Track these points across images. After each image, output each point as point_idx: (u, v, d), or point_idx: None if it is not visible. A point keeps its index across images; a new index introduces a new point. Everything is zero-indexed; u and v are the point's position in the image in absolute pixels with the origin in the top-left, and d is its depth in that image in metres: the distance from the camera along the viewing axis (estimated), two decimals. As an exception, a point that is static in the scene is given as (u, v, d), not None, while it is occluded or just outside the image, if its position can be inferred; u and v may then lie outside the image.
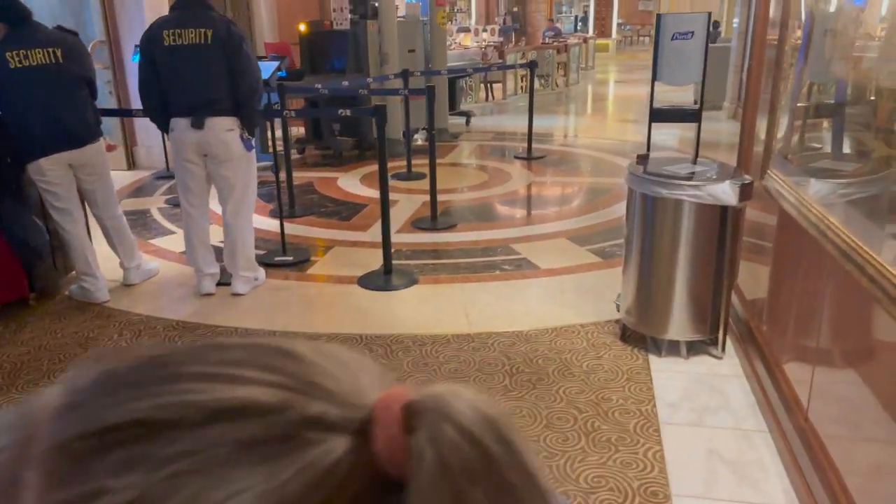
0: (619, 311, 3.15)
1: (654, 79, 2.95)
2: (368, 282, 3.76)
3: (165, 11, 3.76)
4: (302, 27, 7.31)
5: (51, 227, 3.43)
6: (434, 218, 4.84)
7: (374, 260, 4.07)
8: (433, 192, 4.80)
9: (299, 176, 6.38)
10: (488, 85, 11.38)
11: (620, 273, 3.79)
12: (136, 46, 4.80)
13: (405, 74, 6.18)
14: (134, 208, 5.35)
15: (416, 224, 4.83)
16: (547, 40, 18.46)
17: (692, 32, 2.87)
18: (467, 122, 9.27)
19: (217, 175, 3.41)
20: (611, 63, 20.68)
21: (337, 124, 7.61)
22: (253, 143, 3.39)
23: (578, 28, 25.61)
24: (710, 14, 2.87)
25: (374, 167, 6.94)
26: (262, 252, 4.22)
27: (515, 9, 21.98)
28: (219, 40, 3.16)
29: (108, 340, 3.13)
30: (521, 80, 11.34)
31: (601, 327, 3.15)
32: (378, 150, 3.62)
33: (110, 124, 6.61)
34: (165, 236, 4.62)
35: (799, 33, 2.38)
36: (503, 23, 20.68)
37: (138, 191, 5.93)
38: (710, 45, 10.57)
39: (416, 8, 8.25)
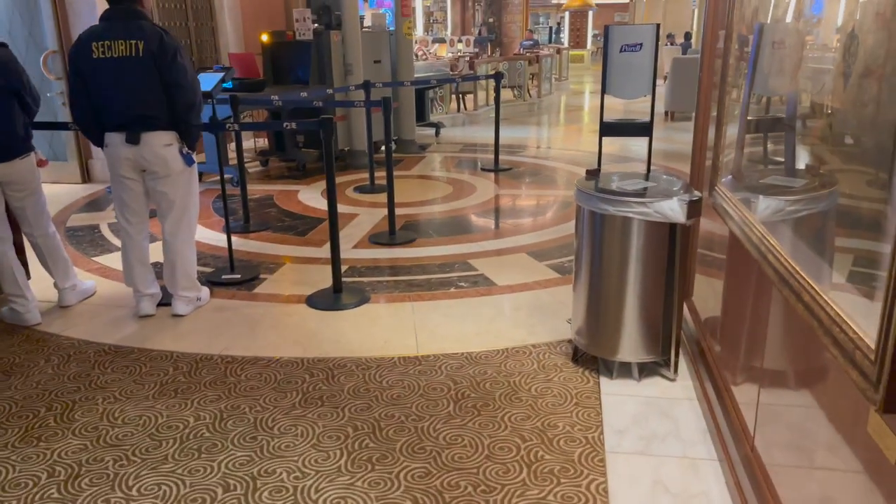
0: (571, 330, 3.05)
1: (603, 92, 2.86)
2: (317, 301, 3.62)
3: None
4: (264, 37, 7.18)
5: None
6: (392, 233, 4.72)
7: (327, 277, 3.93)
8: (391, 205, 4.68)
9: (260, 189, 6.24)
10: (460, 96, 11.31)
11: (577, 290, 3.71)
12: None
13: (367, 86, 6.07)
14: (82, 223, 5.17)
15: (373, 239, 4.70)
16: (523, 51, 18.53)
17: (640, 44, 2.78)
18: (437, 134, 9.19)
19: (155, 191, 3.26)
20: (586, 74, 20.78)
21: (300, 136, 7.47)
22: (193, 157, 3.24)
23: (553, 39, 25.75)
24: (658, 25, 2.79)
25: (339, 179, 6.85)
26: (209, 270, 4.07)
27: (491, 20, 22.02)
28: (150, 52, 3.02)
29: (33, 367, 2.95)
30: (493, 91, 11.28)
31: (553, 347, 3.04)
32: (325, 163, 3.49)
33: (63, 136, 6.42)
34: (112, 253, 4.43)
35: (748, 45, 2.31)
36: (479, 33, 20.71)
37: (90, 205, 5.74)
38: (682, 55, 10.63)
39: (382, 18, 8.16)
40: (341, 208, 5.54)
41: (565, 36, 25.45)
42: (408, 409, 2.58)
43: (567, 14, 23.61)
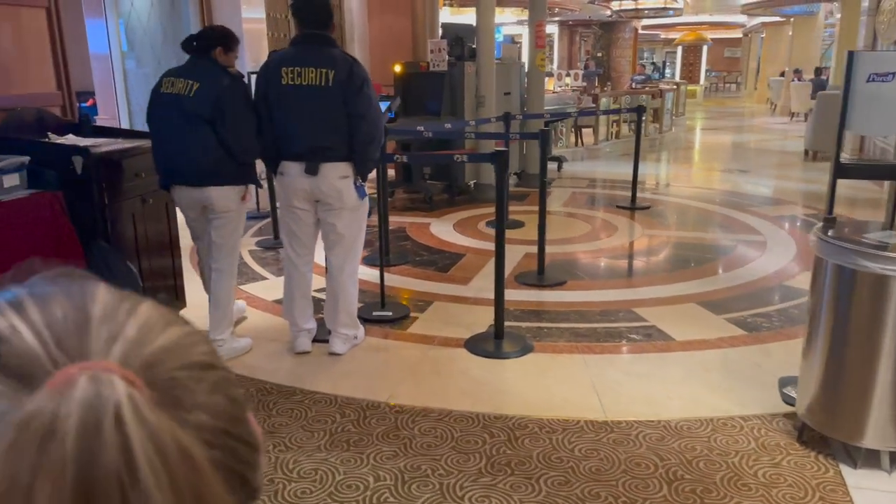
0: (788, 402, 2.61)
1: (841, 126, 2.45)
2: (477, 346, 3.34)
3: (260, 40, 3.57)
4: (397, 68, 7.15)
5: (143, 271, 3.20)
6: (541, 272, 4.41)
7: (479, 318, 3.67)
8: (541, 242, 4.38)
9: (391, 220, 6.11)
10: (578, 130, 10.98)
11: (773, 351, 3.25)
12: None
13: (507, 118, 5.86)
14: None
15: (521, 279, 4.40)
16: (635, 86, 18.02)
17: (893, 74, 2.37)
18: (559, 168, 8.87)
19: (326, 223, 3.10)
20: (698, 109, 19.96)
21: (427, 168, 7.36)
22: (366, 190, 3.07)
23: (662, 74, 25.03)
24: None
25: (467, 213, 6.65)
26: (358, 305, 3.89)
27: (599, 54, 21.66)
28: (339, 82, 2.88)
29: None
30: (613, 126, 10.88)
31: (767, 422, 2.60)
32: (496, 199, 3.24)
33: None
34: (257, 282, 4.36)
35: None
36: (585, 67, 20.39)
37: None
38: (826, 91, 9.78)
39: (512, 50, 8.00)
40: (476, 243, 5.32)
41: (673, 71, 24.73)
42: (613, 487, 2.22)
43: (679, 49, 22.89)
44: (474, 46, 7.16)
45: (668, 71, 26.84)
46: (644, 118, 11.24)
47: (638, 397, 2.82)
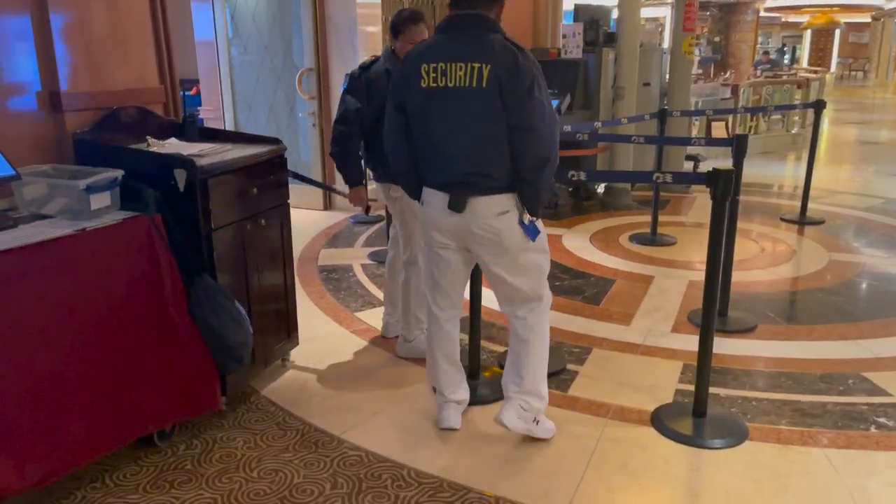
0: None
1: None
2: (667, 426, 2.53)
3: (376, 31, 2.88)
4: (522, 56, 6.34)
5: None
6: (723, 314, 3.52)
7: (661, 378, 2.87)
8: (726, 276, 3.47)
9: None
10: (708, 124, 9.80)
11: None
12: (346, 76, 3.98)
13: (663, 114, 4.96)
14: (334, 262, 4.57)
15: (694, 320, 3.53)
16: (759, 73, 16.37)
17: None
18: (694, 168, 7.81)
19: (489, 273, 2.36)
20: (831, 100, 17.97)
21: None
22: (540, 227, 2.30)
23: (789, 62, 22.89)
24: None
25: (601, 223, 5.76)
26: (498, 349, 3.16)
27: (717, 38, 19.92)
28: (497, 80, 2.11)
29: (312, 490, 2.17)
30: (752, 119, 9.63)
31: None
32: (709, 251, 2.40)
33: (304, 157, 6.03)
34: (375, 308, 3.71)
35: None
36: (699, 53, 18.79)
37: (336, 239, 5.18)
38: None
39: (653, 34, 7.01)
40: (624, 265, 4.49)
41: (795, 57, 22.54)
42: None
43: (808, 33, 20.80)
44: (609, 31, 6.26)
45: (785, 57, 24.63)
46: (785, 112, 9.96)
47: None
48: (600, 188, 6.53)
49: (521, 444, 2.43)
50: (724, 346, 3.24)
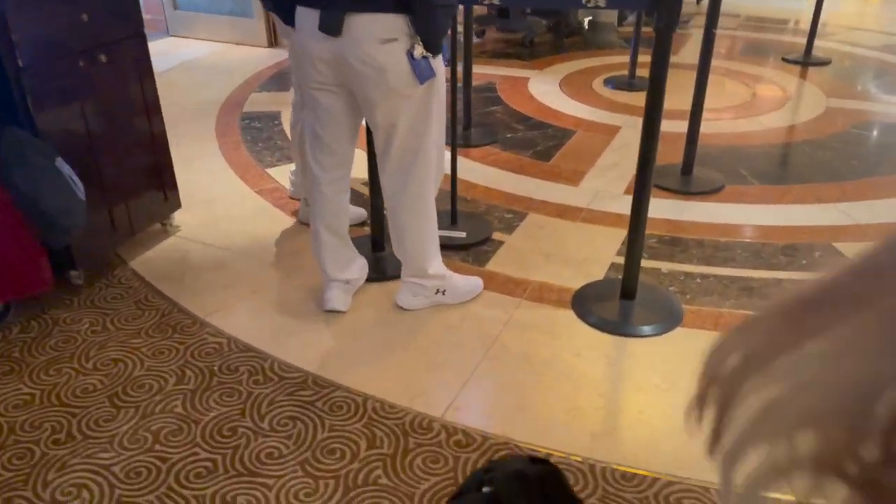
0: None
1: None
2: (590, 310, 2.17)
3: None
4: None
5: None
6: (687, 171, 3.05)
7: (597, 249, 2.48)
8: (694, 126, 2.96)
9: (477, 73, 4.70)
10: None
11: None
12: None
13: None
14: (261, 109, 4.02)
15: (656, 181, 3.04)
16: None
17: None
18: (698, 1, 6.90)
19: (369, 119, 1.88)
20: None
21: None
22: (434, 66, 1.76)
23: None
24: None
25: (578, 64, 5.08)
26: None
27: None
28: None
29: (151, 385, 1.86)
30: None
31: None
32: (650, 83, 1.89)
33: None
34: (292, 164, 3.24)
35: None
36: None
37: (273, 81, 4.57)
38: None
39: None
40: (591, 113, 3.93)
41: None
42: None
43: None
44: None
45: None
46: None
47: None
48: (585, 24, 5.76)
49: (414, 329, 2.08)
50: (681, 210, 2.82)
